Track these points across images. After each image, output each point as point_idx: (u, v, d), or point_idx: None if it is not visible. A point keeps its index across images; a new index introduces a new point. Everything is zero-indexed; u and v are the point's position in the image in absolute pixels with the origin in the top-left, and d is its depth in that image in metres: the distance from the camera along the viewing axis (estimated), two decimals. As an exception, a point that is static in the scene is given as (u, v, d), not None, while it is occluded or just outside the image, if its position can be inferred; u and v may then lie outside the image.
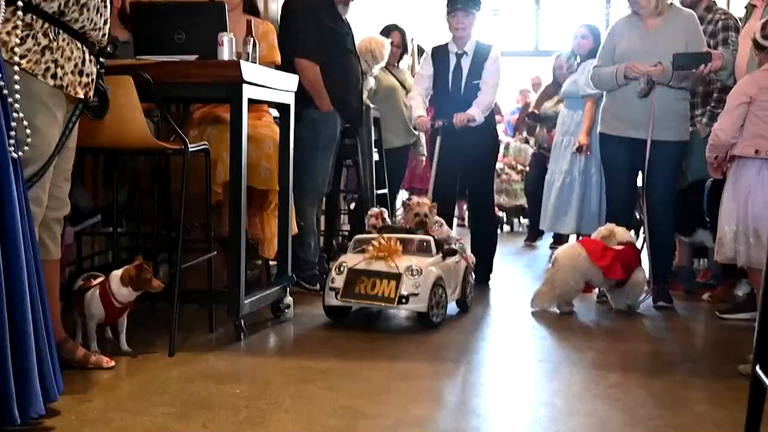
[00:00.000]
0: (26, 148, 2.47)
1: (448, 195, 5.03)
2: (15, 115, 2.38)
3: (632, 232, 4.86)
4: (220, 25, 3.61)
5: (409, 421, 2.51)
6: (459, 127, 5.00)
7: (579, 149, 5.89)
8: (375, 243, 3.80)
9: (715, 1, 5.07)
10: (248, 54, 3.70)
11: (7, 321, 2.15)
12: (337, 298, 3.72)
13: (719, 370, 3.24)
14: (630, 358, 3.52)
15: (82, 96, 2.72)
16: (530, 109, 7.29)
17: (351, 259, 3.82)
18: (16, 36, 2.48)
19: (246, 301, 3.55)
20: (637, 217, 5.56)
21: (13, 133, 2.32)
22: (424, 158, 6.67)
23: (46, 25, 2.58)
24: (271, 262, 4.50)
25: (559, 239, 7.00)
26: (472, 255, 4.47)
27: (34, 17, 2.51)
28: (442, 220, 4.38)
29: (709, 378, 3.14)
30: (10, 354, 2.18)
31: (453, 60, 5.17)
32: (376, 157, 5.48)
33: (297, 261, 4.51)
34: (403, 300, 3.63)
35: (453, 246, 4.18)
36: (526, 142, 7.54)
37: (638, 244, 4.73)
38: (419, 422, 2.50)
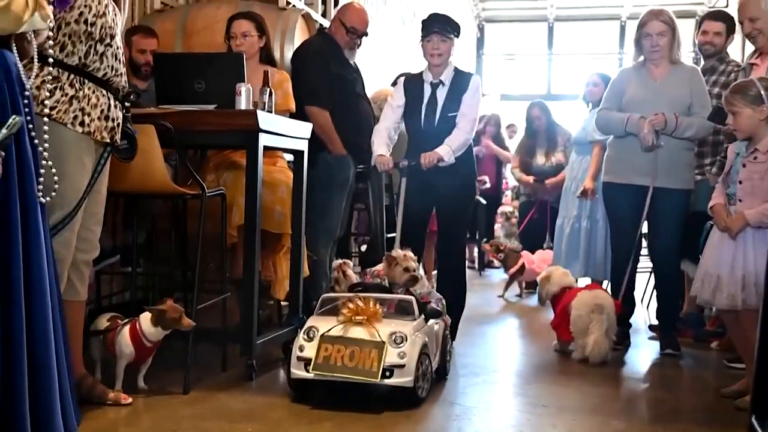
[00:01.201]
0: (53, 194, 2.61)
1: (415, 243, 4.37)
2: (43, 162, 2.52)
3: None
4: (238, 75, 3.78)
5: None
6: (427, 168, 4.40)
7: (584, 193, 5.99)
8: (351, 305, 3.30)
9: (728, 52, 5.18)
10: (264, 103, 3.85)
11: (25, 356, 2.27)
12: (308, 371, 3.19)
13: (724, 421, 3.28)
14: (634, 405, 3.59)
15: (108, 140, 2.88)
16: (520, 175, 7.32)
17: (322, 323, 3.30)
18: (46, 89, 2.64)
19: (258, 342, 3.65)
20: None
21: (42, 179, 2.46)
22: None
23: (72, 76, 2.76)
24: (282, 303, 4.61)
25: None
26: (447, 316, 3.96)
27: (60, 70, 2.68)
28: (422, 274, 4.01)
29: (713, 427, 3.19)
30: (34, 388, 2.29)
31: (428, 90, 4.61)
32: (387, 200, 5.59)
33: (308, 302, 4.61)
34: (387, 373, 3.14)
35: (434, 305, 3.72)
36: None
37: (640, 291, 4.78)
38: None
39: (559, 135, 6.98)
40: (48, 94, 2.66)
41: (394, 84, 5.34)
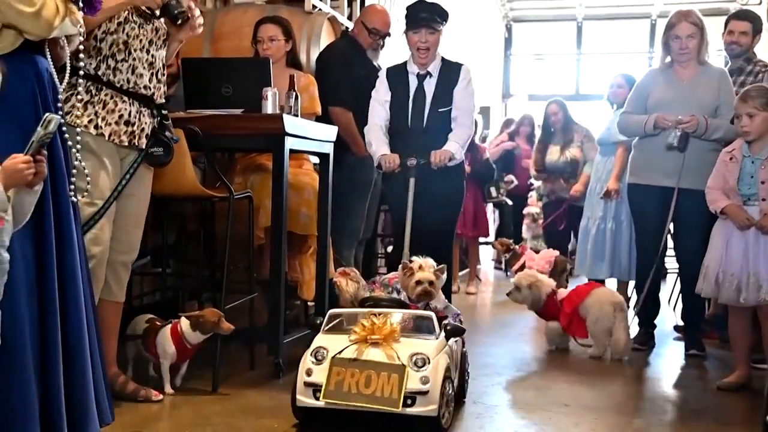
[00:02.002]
0: (86, 193, 2.71)
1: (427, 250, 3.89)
2: (75, 163, 2.61)
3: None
4: (265, 79, 3.86)
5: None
6: (438, 167, 4.13)
7: (607, 194, 5.98)
8: (365, 323, 2.92)
9: (755, 52, 5.16)
10: (290, 107, 3.92)
11: (61, 351, 2.35)
12: (317, 398, 2.81)
13: (747, 421, 3.30)
14: (656, 404, 3.61)
15: (127, 144, 2.97)
16: (532, 171, 7.34)
17: (331, 343, 2.90)
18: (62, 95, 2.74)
19: (285, 341, 3.73)
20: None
21: (73, 179, 2.54)
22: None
23: (88, 83, 2.86)
24: (309, 303, 4.68)
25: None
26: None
27: (77, 78, 2.78)
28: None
29: (736, 428, 3.21)
30: (69, 382, 2.38)
31: (413, 82, 4.30)
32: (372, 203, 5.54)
33: (334, 304, 4.67)
34: (408, 401, 2.76)
35: (453, 320, 3.36)
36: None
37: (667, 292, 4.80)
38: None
39: (576, 132, 6.95)
40: (62, 98, 2.76)
41: None
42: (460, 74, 4.28)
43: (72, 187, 2.54)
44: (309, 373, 2.85)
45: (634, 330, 4.93)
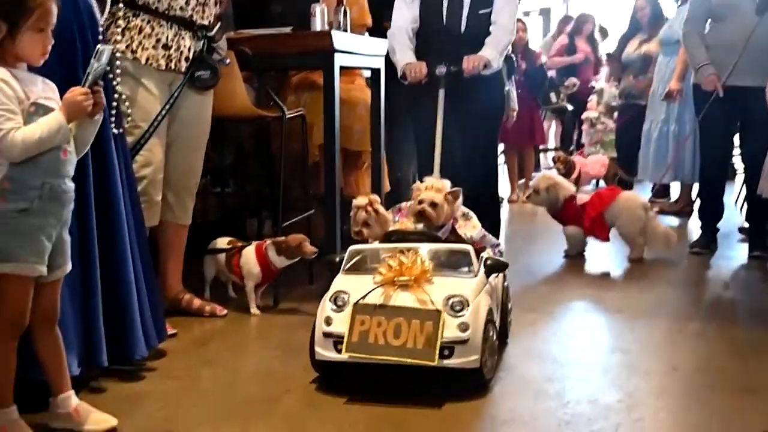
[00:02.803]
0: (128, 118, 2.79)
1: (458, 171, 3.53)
2: (116, 96, 2.65)
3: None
4: (314, -4, 3.83)
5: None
6: (470, 75, 3.60)
7: (669, 95, 5.79)
8: (391, 261, 2.53)
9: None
10: (340, 22, 3.91)
11: (99, 277, 2.44)
12: (339, 351, 2.42)
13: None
14: (713, 308, 3.61)
15: (164, 68, 3.01)
16: (610, 53, 7.18)
17: (353, 287, 2.51)
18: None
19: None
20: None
21: (114, 111, 2.60)
22: (515, 113, 6.65)
23: (125, 10, 2.92)
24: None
25: (662, 191, 6.92)
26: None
27: (115, 6, 2.81)
28: (471, 212, 3.14)
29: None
30: (114, 307, 2.50)
31: None
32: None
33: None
34: (446, 352, 2.37)
35: (493, 252, 2.97)
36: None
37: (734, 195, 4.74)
38: (499, 366, 2.70)
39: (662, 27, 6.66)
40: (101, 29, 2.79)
41: None
42: None
43: (113, 119, 2.58)
44: (328, 321, 2.46)
45: (696, 234, 4.90)
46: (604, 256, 4.63)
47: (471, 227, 3.08)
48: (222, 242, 3.56)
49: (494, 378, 2.55)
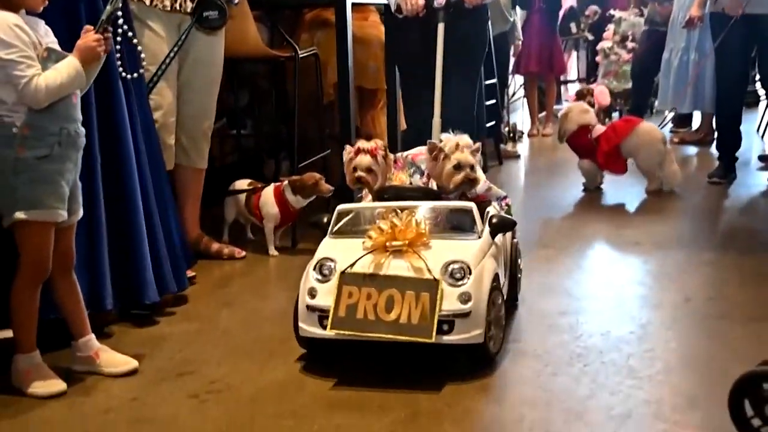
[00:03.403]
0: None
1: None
2: (130, 39, 2.65)
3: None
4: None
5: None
6: (472, 5, 3.36)
7: (690, 22, 5.65)
8: (383, 224, 2.22)
9: None
10: (350, -43, 3.84)
11: (104, 223, 2.48)
12: (324, 326, 2.15)
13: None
14: (729, 237, 3.61)
15: (170, 9, 3.00)
16: None
17: (340, 253, 2.23)
18: None
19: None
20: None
21: (118, 55, 2.59)
22: (520, 43, 6.52)
23: None
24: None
25: (682, 121, 6.83)
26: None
27: None
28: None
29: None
30: (124, 252, 2.54)
31: None
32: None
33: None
34: (445, 327, 2.10)
35: (499, 207, 2.65)
36: (641, 15, 7.27)
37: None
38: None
39: None
40: None
41: None
42: None
43: (119, 63, 2.59)
44: (312, 293, 2.19)
45: (714, 164, 4.86)
46: (623, 188, 4.61)
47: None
48: (242, 184, 3.59)
49: (508, 314, 2.56)
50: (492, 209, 2.51)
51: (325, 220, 2.45)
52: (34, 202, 2.06)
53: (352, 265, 2.17)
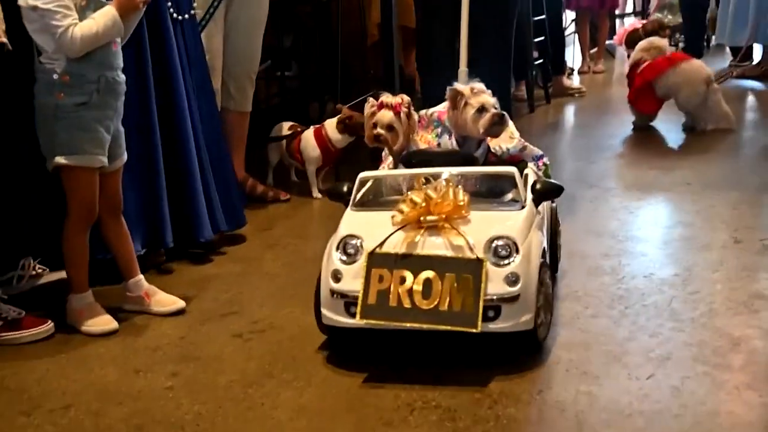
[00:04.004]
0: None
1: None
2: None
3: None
4: None
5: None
6: None
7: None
8: (415, 196, 1.93)
9: None
10: None
11: (161, 160, 2.55)
12: (352, 314, 1.90)
13: None
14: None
15: None
16: None
17: (366, 229, 1.96)
18: None
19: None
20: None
21: None
22: None
23: None
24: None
25: (741, 55, 6.57)
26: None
27: None
28: (506, 116, 2.33)
29: None
30: (171, 187, 2.60)
31: None
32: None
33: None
34: (490, 314, 1.85)
35: (536, 168, 2.40)
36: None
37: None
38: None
39: None
40: None
41: None
42: None
43: (169, 4, 2.60)
44: (337, 276, 1.93)
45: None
46: (675, 127, 4.50)
47: (507, 138, 2.40)
48: (284, 127, 3.60)
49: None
50: (530, 172, 2.24)
51: (345, 188, 2.15)
52: (73, 147, 2.12)
53: (381, 244, 1.89)
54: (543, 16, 5.39)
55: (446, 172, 2.04)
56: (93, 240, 2.26)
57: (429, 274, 1.85)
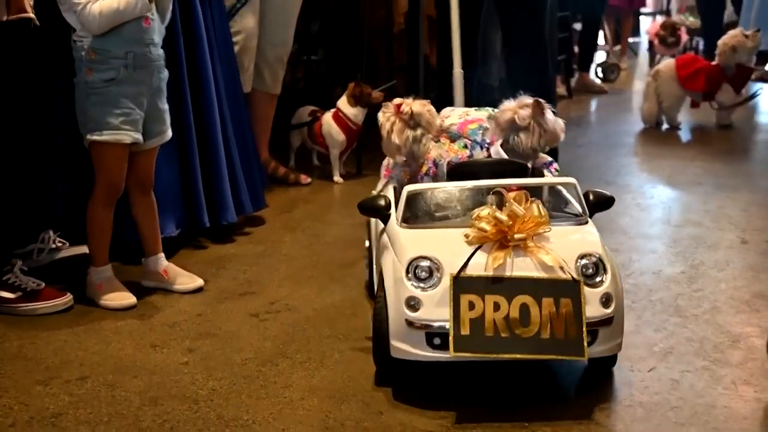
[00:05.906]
0: None
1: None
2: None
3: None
4: None
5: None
6: None
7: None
8: (490, 213, 1.74)
9: None
10: None
11: (195, 140, 2.62)
12: (436, 347, 1.71)
13: None
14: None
15: None
16: None
17: (437, 250, 1.74)
18: None
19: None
20: None
21: None
22: None
23: None
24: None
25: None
26: None
27: None
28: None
29: None
30: (204, 171, 2.67)
31: None
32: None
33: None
34: (589, 339, 1.69)
35: (551, 173, 2.17)
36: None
37: None
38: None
39: None
40: None
41: None
42: None
43: None
44: (414, 304, 1.71)
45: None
46: (692, 126, 4.53)
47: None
48: (304, 111, 3.67)
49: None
50: (550, 179, 2.10)
51: (383, 202, 1.91)
52: (102, 123, 2.14)
53: (464, 266, 1.70)
54: (567, 13, 5.42)
55: (499, 183, 1.84)
56: (124, 222, 2.33)
57: (525, 298, 1.67)
